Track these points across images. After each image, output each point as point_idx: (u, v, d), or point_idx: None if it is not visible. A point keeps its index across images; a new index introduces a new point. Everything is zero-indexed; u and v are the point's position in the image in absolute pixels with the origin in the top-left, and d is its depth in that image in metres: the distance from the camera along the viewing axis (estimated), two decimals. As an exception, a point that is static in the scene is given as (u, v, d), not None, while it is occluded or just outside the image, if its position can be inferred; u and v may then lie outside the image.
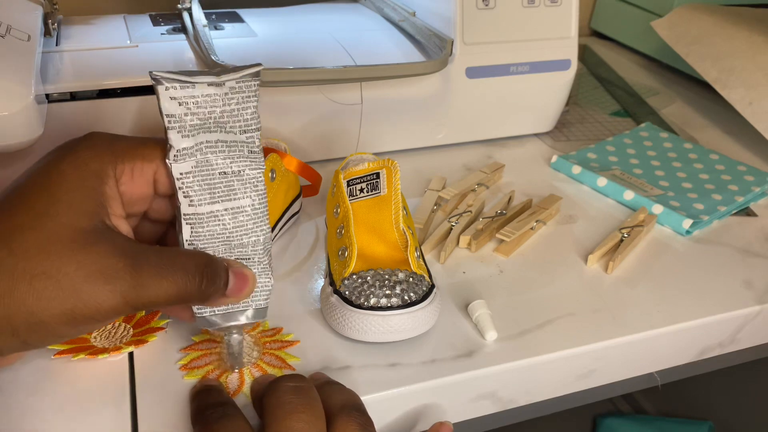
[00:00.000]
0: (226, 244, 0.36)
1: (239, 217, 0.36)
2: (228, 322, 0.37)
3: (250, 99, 0.35)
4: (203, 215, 0.35)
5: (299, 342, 0.42)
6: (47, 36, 0.56)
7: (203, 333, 0.42)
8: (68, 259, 0.30)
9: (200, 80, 0.34)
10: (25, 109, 0.43)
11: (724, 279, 0.52)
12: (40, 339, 0.31)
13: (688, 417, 1.05)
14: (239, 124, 0.35)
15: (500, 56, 0.63)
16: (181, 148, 0.34)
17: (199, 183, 0.35)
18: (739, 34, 0.74)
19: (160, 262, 0.32)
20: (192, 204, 0.35)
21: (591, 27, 1.05)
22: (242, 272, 0.36)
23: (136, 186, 0.35)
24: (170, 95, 0.33)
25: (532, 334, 0.45)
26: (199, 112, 0.34)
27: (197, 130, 0.34)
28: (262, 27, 0.65)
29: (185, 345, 0.41)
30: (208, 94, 0.34)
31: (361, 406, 0.37)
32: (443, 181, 0.61)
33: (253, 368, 0.40)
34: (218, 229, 0.35)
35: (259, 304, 0.38)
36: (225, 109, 0.35)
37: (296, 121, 0.59)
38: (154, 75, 0.33)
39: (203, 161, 0.35)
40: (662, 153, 0.68)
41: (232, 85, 0.35)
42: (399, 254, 0.46)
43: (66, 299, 0.30)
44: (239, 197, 0.36)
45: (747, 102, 0.69)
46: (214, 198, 0.35)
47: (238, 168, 0.35)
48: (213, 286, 0.34)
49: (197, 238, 0.35)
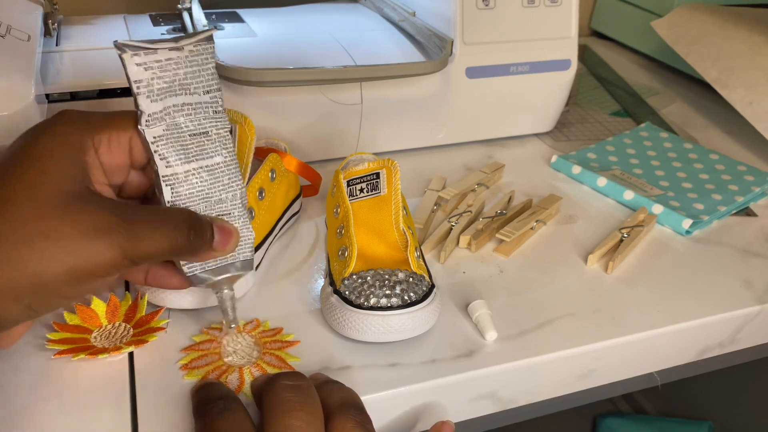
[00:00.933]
0: (206, 201, 0.38)
1: (214, 173, 0.38)
2: (219, 275, 0.38)
3: (208, 60, 0.37)
4: (180, 174, 0.37)
5: (299, 342, 0.43)
6: (47, 36, 0.56)
7: (203, 333, 0.42)
8: (63, 219, 0.31)
9: (161, 46, 0.36)
10: (25, 109, 0.43)
11: (724, 279, 0.52)
12: (44, 302, 0.32)
13: (688, 417, 1.05)
14: (202, 85, 0.37)
15: (500, 56, 0.63)
16: (151, 112, 0.36)
17: (172, 144, 0.37)
18: (739, 34, 0.74)
19: (150, 217, 0.34)
20: (169, 165, 0.37)
21: (591, 27, 1.05)
22: (225, 226, 0.38)
23: (114, 155, 0.36)
24: (135, 61, 0.35)
25: (532, 334, 0.45)
26: (164, 75, 0.36)
27: (164, 94, 0.36)
28: (262, 27, 0.65)
29: (185, 345, 0.41)
30: (170, 57, 0.36)
31: (360, 405, 0.37)
32: (443, 181, 0.61)
33: (253, 368, 0.40)
34: (197, 187, 0.37)
35: (246, 256, 0.39)
36: (188, 71, 0.37)
37: (296, 121, 0.59)
38: (118, 43, 0.35)
39: (173, 124, 0.37)
40: (662, 153, 0.68)
41: (190, 48, 0.37)
42: (399, 254, 0.46)
43: (67, 257, 0.31)
44: (211, 155, 0.38)
45: (747, 102, 0.69)
46: (188, 158, 0.37)
47: (205, 129, 0.38)
48: (200, 239, 0.36)
49: (178, 197, 0.37)
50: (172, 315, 0.44)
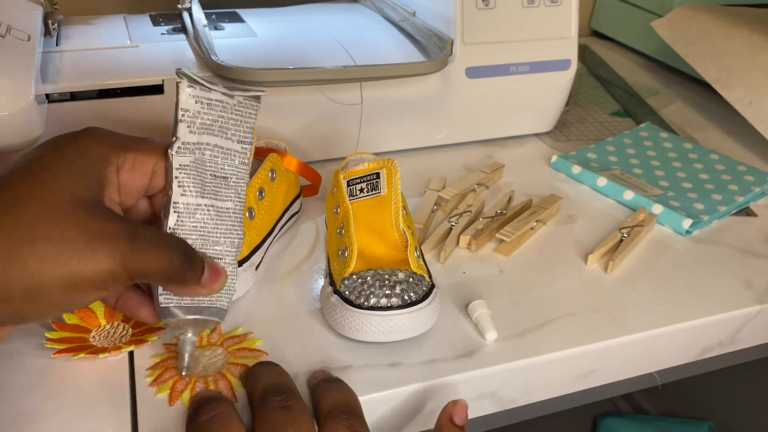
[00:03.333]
0: (203, 239, 0.38)
1: (221, 216, 0.39)
2: (191, 314, 0.38)
3: (251, 116, 0.40)
4: (191, 206, 0.38)
5: (266, 353, 0.42)
6: (47, 36, 0.56)
7: (164, 351, 0.41)
8: (70, 223, 0.32)
9: (216, 88, 0.38)
10: (25, 109, 0.43)
11: (724, 279, 0.52)
12: (35, 308, 0.32)
13: (688, 417, 1.05)
14: (238, 135, 0.40)
15: (500, 56, 0.63)
16: (186, 141, 0.38)
17: (193, 177, 0.38)
18: (739, 34, 0.74)
19: (152, 235, 0.34)
20: (184, 194, 0.37)
21: (591, 27, 1.05)
22: (216, 266, 0.38)
23: (135, 177, 0.37)
24: (190, 92, 0.37)
25: (532, 334, 0.45)
26: (210, 113, 0.38)
27: (203, 130, 0.38)
28: (262, 27, 0.65)
29: (150, 365, 0.40)
30: (221, 100, 0.39)
31: (354, 407, 0.37)
32: (443, 181, 0.61)
33: (218, 378, 0.39)
34: (201, 223, 0.38)
35: (222, 305, 0.39)
36: (231, 117, 0.39)
37: (296, 121, 0.59)
38: (180, 71, 0.37)
39: (200, 160, 0.38)
40: (662, 153, 0.68)
41: (240, 99, 0.39)
42: (399, 254, 0.46)
43: (67, 261, 0.31)
44: (224, 199, 0.39)
45: (747, 102, 0.69)
46: (203, 194, 0.38)
47: (226, 174, 0.39)
48: (192, 271, 0.36)
49: (180, 227, 0.37)
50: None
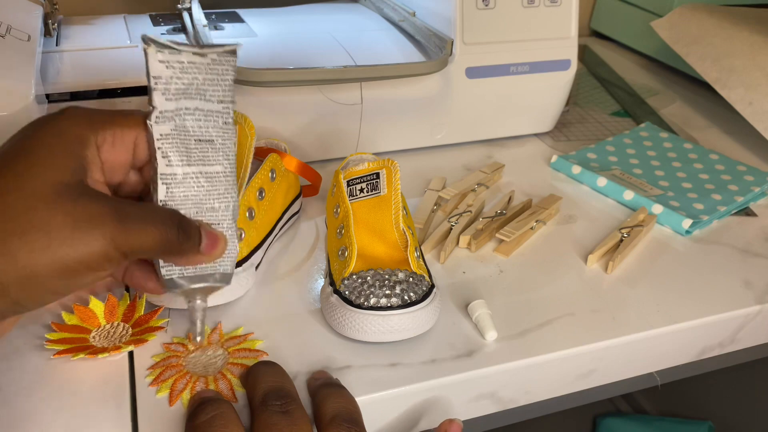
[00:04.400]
0: (197, 207, 0.38)
1: (212, 181, 0.38)
2: (195, 283, 0.38)
3: (228, 72, 0.38)
4: (179, 175, 0.37)
5: (267, 354, 0.42)
6: (47, 36, 0.56)
7: (165, 350, 0.41)
8: (55, 210, 0.31)
9: (186, 49, 0.36)
10: (25, 109, 0.43)
11: (724, 279, 0.52)
12: (32, 296, 0.31)
13: (688, 417, 1.05)
14: (217, 94, 0.38)
15: (500, 56, 0.63)
16: (163, 109, 0.36)
17: (177, 145, 0.37)
18: (739, 34, 0.74)
19: (141, 211, 0.34)
20: (170, 164, 0.37)
21: (591, 27, 1.06)
22: (213, 232, 0.37)
23: (117, 153, 0.36)
24: (159, 58, 0.36)
25: (532, 334, 0.45)
26: (183, 77, 0.36)
27: (180, 95, 0.37)
28: (262, 27, 0.65)
29: (150, 365, 0.40)
30: (193, 61, 0.37)
31: (354, 415, 0.36)
32: (443, 181, 0.61)
33: (218, 377, 0.39)
34: (192, 191, 0.37)
35: (226, 269, 0.39)
36: (207, 77, 0.37)
37: (296, 121, 0.59)
38: (145, 37, 0.35)
39: (181, 126, 0.37)
40: (662, 153, 0.68)
41: (213, 57, 0.37)
42: (399, 254, 0.46)
43: (57, 248, 0.30)
44: (212, 163, 0.38)
45: (747, 102, 0.69)
46: (189, 161, 0.37)
47: (211, 137, 0.38)
48: (188, 240, 0.35)
49: (171, 199, 0.37)
50: (172, 314, 0.44)
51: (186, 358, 0.41)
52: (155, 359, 0.40)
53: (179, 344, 0.42)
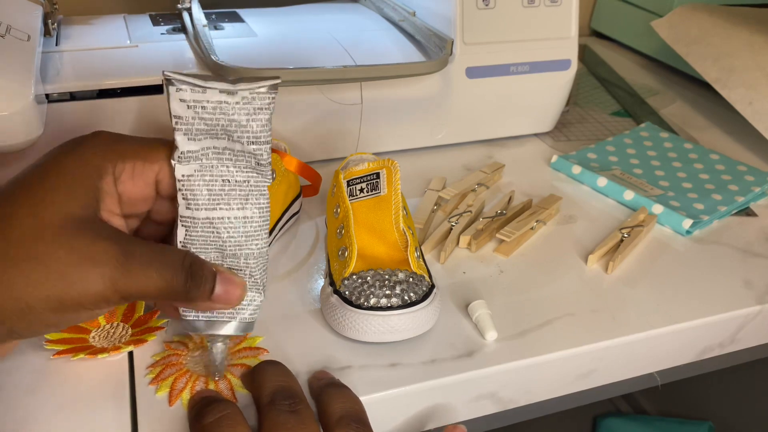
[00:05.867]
0: (219, 252, 0.36)
1: (235, 228, 0.36)
2: (210, 330, 0.36)
3: (263, 111, 0.35)
4: (199, 220, 0.35)
5: (267, 351, 0.42)
6: (47, 36, 0.56)
7: (166, 349, 0.41)
8: (59, 244, 0.30)
9: (212, 86, 0.33)
10: (25, 109, 0.43)
11: (724, 279, 0.52)
12: (27, 327, 0.31)
13: (688, 417, 1.05)
14: (247, 135, 0.35)
15: (500, 56, 0.63)
16: (186, 150, 0.34)
17: (199, 187, 0.35)
18: (739, 34, 0.74)
19: (148, 253, 0.32)
20: (189, 207, 0.35)
21: (591, 27, 1.05)
22: (231, 279, 0.35)
23: (136, 186, 0.35)
24: (180, 97, 0.33)
25: (532, 334, 0.45)
26: (206, 117, 0.34)
27: (204, 135, 0.34)
28: (262, 27, 0.65)
29: (150, 363, 0.40)
30: (219, 101, 0.34)
31: (361, 415, 0.36)
32: (443, 181, 0.61)
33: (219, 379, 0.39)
34: (212, 236, 0.35)
35: (244, 318, 0.37)
36: (233, 119, 0.34)
37: (296, 121, 0.59)
38: (166, 75, 0.33)
39: (207, 166, 0.35)
40: (662, 153, 0.68)
41: (244, 95, 0.34)
42: (399, 254, 0.46)
43: (54, 283, 0.30)
44: (237, 208, 0.35)
45: (747, 102, 0.69)
46: (213, 204, 0.35)
47: (243, 178, 0.35)
48: (198, 287, 0.34)
49: (191, 242, 0.35)
50: (172, 315, 0.44)
51: (187, 357, 0.41)
52: (155, 358, 0.40)
53: (180, 342, 0.42)
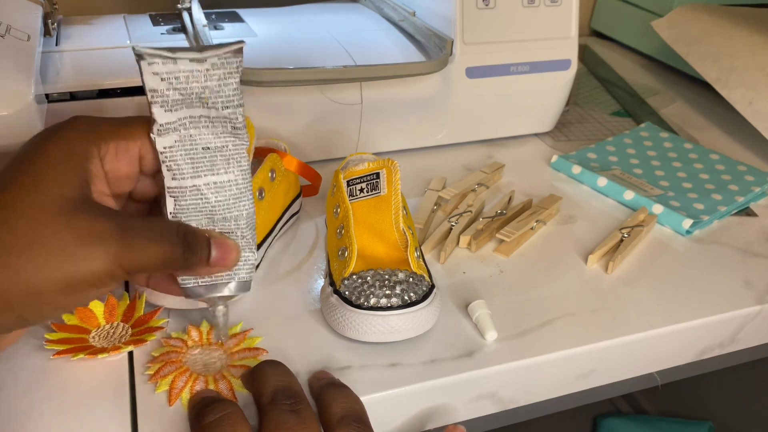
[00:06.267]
0: (209, 218, 0.37)
1: (222, 192, 0.37)
2: (211, 293, 0.38)
3: (232, 75, 0.36)
4: (186, 188, 0.36)
5: (266, 351, 0.42)
6: (47, 36, 0.56)
7: (164, 345, 0.41)
8: (59, 225, 0.31)
9: (182, 56, 0.34)
10: (25, 109, 0.43)
11: (724, 279, 0.52)
12: (36, 311, 0.31)
13: (688, 417, 1.05)
14: (221, 100, 0.36)
15: (500, 56, 0.63)
16: (164, 122, 0.35)
17: (182, 156, 0.36)
18: (739, 34, 0.74)
19: (145, 227, 0.33)
20: (175, 177, 0.36)
21: (591, 27, 1.05)
22: (225, 242, 0.36)
23: (121, 164, 0.35)
24: (152, 70, 0.34)
25: (532, 334, 0.45)
26: (180, 87, 0.35)
27: (179, 105, 0.35)
28: (262, 27, 0.65)
29: (148, 360, 0.40)
30: (190, 69, 0.35)
31: (362, 415, 0.36)
32: (443, 181, 0.61)
33: (218, 379, 0.39)
34: (201, 202, 0.37)
35: (242, 277, 0.38)
36: (206, 85, 0.35)
37: (296, 121, 0.59)
38: (137, 50, 0.34)
39: (186, 136, 0.36)
40: (662, 153, 0.68)
41: (213, 61, 0.35)
42: (399, 254, 0.46)
43: (60, 264, 0.30)
44: (222, 172, 0.37)
45: (747, 102, 0.69)
46: (197, 172, 0.36)
47: (221, 143, 0.36)
48: (195, 255, 0.35)
49: (181, 211, 0.36)
50: (172, 314, 0.44)
51: (186, 355, 0.41)
52: (154, 354, 0.41)
53: (178, 339, 0.42)
